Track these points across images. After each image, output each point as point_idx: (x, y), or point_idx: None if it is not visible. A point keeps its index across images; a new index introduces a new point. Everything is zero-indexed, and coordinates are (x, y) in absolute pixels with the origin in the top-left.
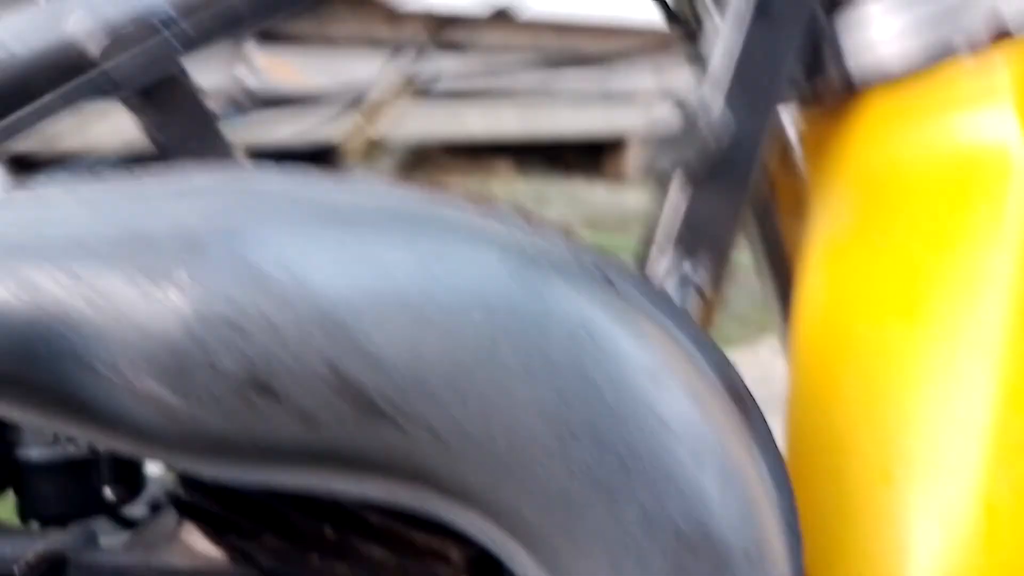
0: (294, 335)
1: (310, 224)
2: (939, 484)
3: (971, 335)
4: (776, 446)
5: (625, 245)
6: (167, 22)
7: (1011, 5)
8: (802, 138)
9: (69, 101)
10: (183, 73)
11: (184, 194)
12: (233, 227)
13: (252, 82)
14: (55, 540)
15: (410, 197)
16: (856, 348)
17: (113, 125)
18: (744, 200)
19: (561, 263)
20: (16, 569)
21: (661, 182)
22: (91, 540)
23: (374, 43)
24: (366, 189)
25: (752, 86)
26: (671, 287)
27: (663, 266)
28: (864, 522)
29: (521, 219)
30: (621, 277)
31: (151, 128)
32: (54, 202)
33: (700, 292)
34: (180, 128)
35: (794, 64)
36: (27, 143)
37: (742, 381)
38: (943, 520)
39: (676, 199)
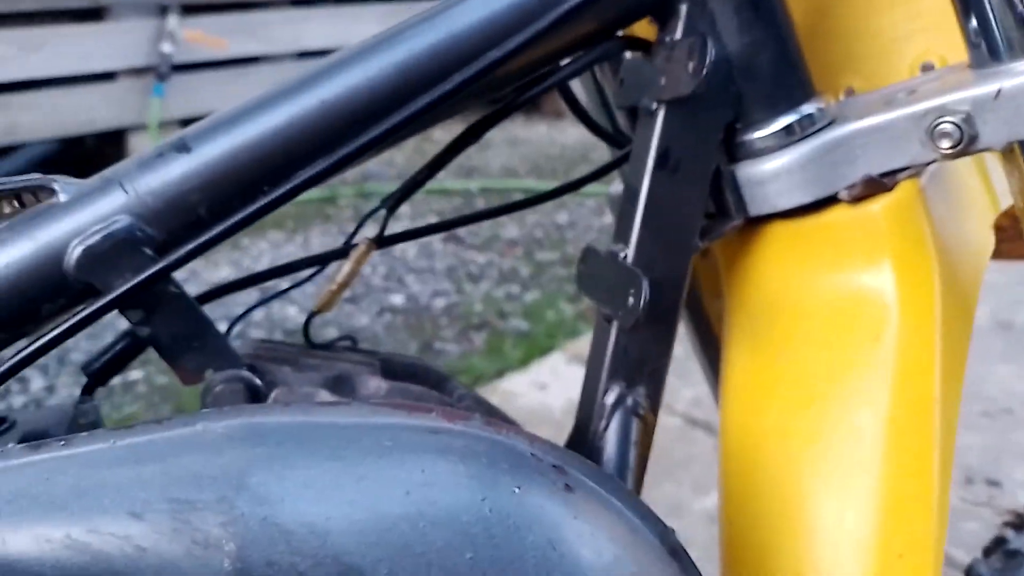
0: None
1: (318, 471)
2: None
3: (855, 463)
4: None
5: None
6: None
7: (880, 165)
8: (717, 251)
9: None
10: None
11: (203, 446)
12: (257, 485)
13: (177, 54)
14: None
15: (394, 423)
16: (770, 442)
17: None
18: (672, 335)
19: (527, 478)
20: None
21: (601, 323)
22: None
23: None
24: (355, 419)
25: (664, 237)
26: (617, 417)
27: (610, 399)
28: None
29: (489, 428)
30: (576, 476)
31: (146, 332)
32: (89, 457)
33: (642, 417)
34: (172, 327)
35: (701, 212)
36: None
37: (679, 543)
38: None
39: (615, 341)
